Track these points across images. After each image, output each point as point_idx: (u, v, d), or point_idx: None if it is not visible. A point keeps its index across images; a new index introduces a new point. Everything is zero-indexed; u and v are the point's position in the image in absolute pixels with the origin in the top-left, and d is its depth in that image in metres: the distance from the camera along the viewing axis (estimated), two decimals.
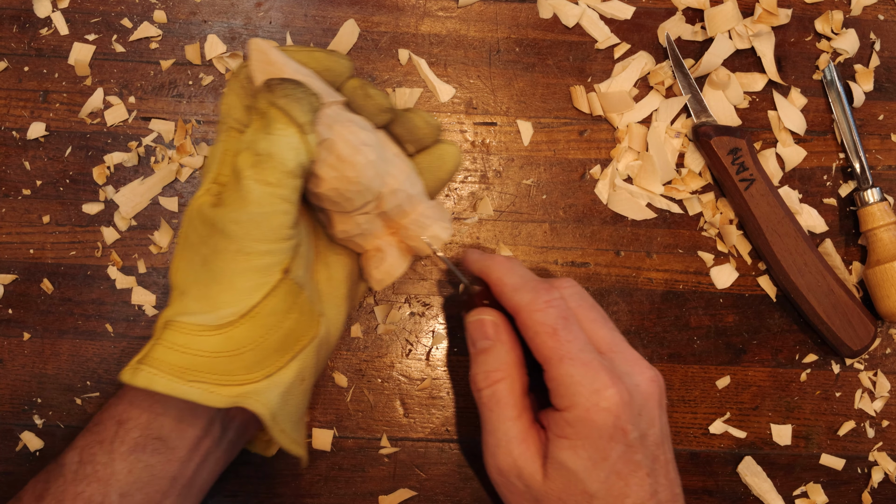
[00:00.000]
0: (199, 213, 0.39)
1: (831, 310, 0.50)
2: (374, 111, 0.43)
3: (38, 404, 0.49)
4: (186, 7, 0.53)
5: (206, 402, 0.37)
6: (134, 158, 0.51)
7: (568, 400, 0.38)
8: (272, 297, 0.38)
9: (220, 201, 0.39)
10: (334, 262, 0.45)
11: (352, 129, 0.40)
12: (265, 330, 0.38)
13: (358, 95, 0.43)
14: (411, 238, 0.43)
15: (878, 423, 0.52)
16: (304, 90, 0.38)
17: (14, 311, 0.49)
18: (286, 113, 0.37)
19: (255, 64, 0.40)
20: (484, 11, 0.54)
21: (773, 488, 0.50)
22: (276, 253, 0.38)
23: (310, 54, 0.42)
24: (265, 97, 0.38)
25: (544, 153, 0.53)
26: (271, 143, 0.37)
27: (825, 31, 0.55)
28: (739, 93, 0.54)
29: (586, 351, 0.39)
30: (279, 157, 0.37)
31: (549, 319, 0.39)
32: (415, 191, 0.43)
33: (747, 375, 0.51)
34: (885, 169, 0.54)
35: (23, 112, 0.51)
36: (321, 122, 0.39)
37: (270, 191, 0.37)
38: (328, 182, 0.40)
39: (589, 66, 0.54)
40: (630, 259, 0.52)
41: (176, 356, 0.37)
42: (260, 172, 0.37)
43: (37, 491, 0.39)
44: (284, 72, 0.40)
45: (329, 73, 0.43)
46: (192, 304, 0.39)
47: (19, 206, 0.50)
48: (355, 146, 0.40)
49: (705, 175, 0.53)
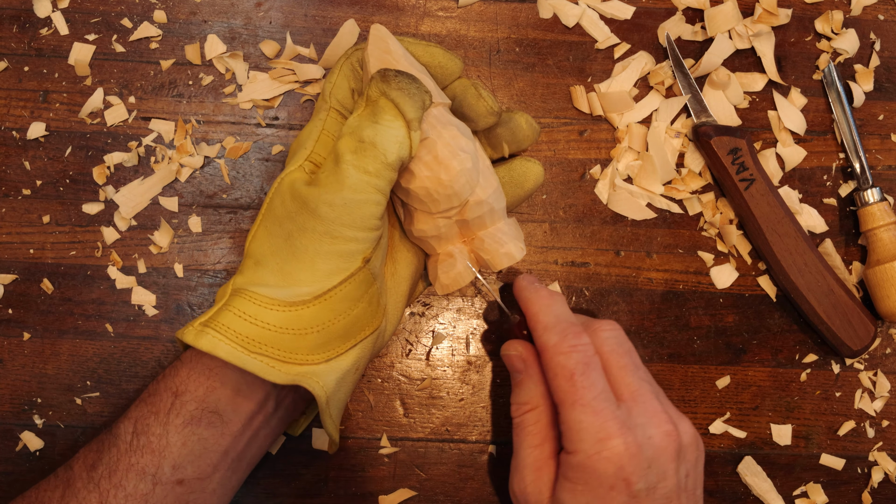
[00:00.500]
0: (290, 188, 0.40)
1: (831, 310, 0.50)
2: (484, 112, 0.43)
3: (38, 404, 0.49)
4: (186, 7, 0.53)
5: (266, 376, 0.37)
6: (134, 158, 0.51)
7: (574, 445, 0.39)
8: (349, 283, 0.39)
9: (314, 180, 0.39)
10: (402, 259, 0.45)
11: (453, 133, 0.41)
12: (334, 314, 0.39)
13: (470, 94, 0.43)
14: (485, 251, 0.44)
15: (878, 423, 0.52)
16: (418, 86, 0.38)
17: (14, 311, 0.49)
18: (397, 105, 0.38)
19: (371, 49, 0.41)
20: (484, 11, 0.54)
21: (773, 488, 0.50)
22: (361, 241, 0.38)
23: (426, 49, 0.43)
24: (379, 86, 0.38)
25: (544, 153, 0.53)
26: (377, 132, 0.37)
27: (825, 31, 0.55)
28: (739, 93, 0.54)
29: (600, 399, 0.39)
30: (382, 148, 0.37)
31: (569, 363, 0.40)
32: (498, 206, 0.43)
33: (747, 375, 0.51)
34: (885, 169, 0.54)
35: (23, 112, 0.51)
36: (426, 120, 0.40)
37: (367, 179, 0.37)
38: (421, 181, 0.40)
39: (589, 66, 0.54)
40: (630, 259, 0.52)
41: (243, 325, 0.37)
42: (360, 159, 0.37)
43: (89, 460, 0.39)
44: (400, 63, 0.40)
45: (441, 69, 0.43)
46: (268, 276, 0.39)
47: (19, 205, 0.50)
48: (454, 150, 0.40)
49: (705, 175, 0.53)
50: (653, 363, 0.51)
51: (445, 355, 0.50)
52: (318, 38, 0.53)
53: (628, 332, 0.51)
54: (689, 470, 0.40)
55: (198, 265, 0.50)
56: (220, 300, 0.40)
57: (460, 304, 0.51)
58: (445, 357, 0.50)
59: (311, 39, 0.53)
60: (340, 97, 0.44)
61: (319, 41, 0.53)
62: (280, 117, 0.52)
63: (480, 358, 0.51)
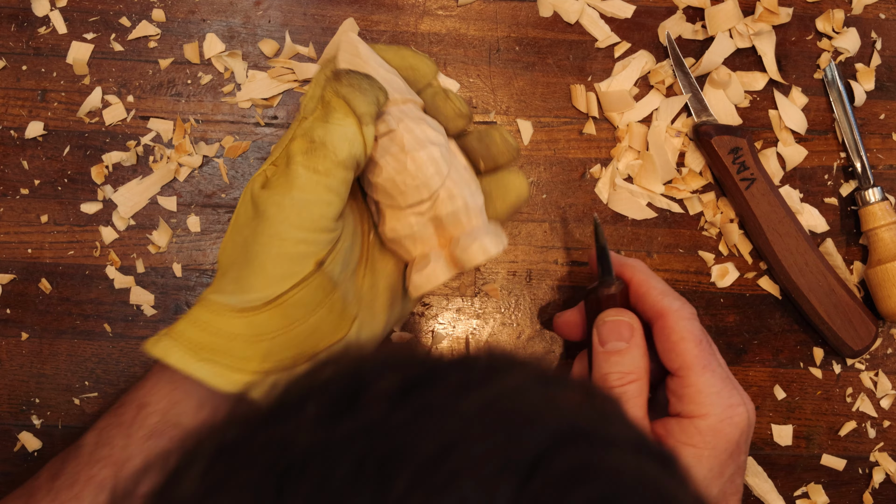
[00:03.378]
0: (248, 194, 0.39)
1: (832, 310, 0.50)
2: (452, 114, 0.43)
3: (36, 404, 0.48)
4: (185, 6, 0.53)
5: (212, 383, 0.36)
6: (132, 158, 0.51)
7: (704, 408, 0.39)
8: (302, 288, 0.37)
9: (268, 183, 0.38)
10: (381, 269, 0.44)
11: (421, 126, 0.40)
12: (289, 321, 0.38)
13: (438, 97, 0.43)
14: (460, 247, 0.41)
15: (880, 423, 0.51)
16: (370, 82, 0.38)
17: (12, 311, 0.49)
18: (348, 102, 0.37)
19: (342, 55, 0.40)
20: (484, 10, 0.54)
21: (774, 489, 0.50)
22: (311, 243, 0.37)
23: (397, 52, 0.42)
24: (331, 86, 0.38)
25: (544, 152, 0.53)
26: (327, 131, 0.37)
27: (826, 29, 0.55)
28: (740, 92, 0.54)
29: (723, 367, 0.40)
30: (332, 146, 0.37)
31: (696, 329, 0.41)
32: (473, 202, 0.42)
33: (748, 375, 0.51)
34: (887, 168, 0.54)
35: (21, 111, 0.51)
36: (392, 114, 0.39)
37: (317, 178, 0.37)
38: (387, 171, 0.40)
39: (589, 64, 0.54)
40: None
41: (195, 332, 0.37)
42: (310, 159, 0.37)
43: (54, 469, 0.39)
44: (369, 65, 0.40)
45: (413, 71, 0.42)
46: (227, 285, 0.38)
47: (17, 205, 0.50)
48: (421, 140, 0.40)
49: (706, 174, 0.53)
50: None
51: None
52: (317, 36, 0.53)
53: None
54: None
55: (196, 265, 0.50)
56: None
57: (460, 304, 0.51)
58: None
59: (310, 38, 0.53)
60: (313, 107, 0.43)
61: (318, 40, 0.53)
62: (279, 116, 0.52)
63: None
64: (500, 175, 0.44)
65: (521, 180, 0.45)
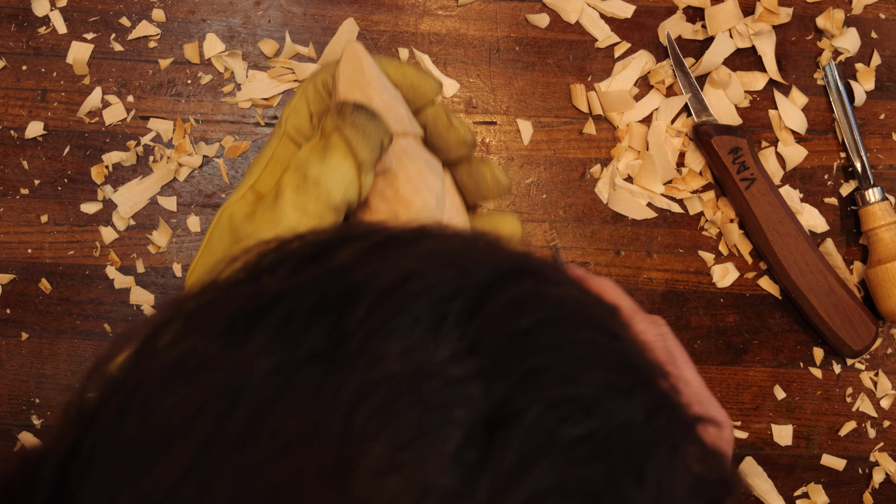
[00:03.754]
0: (229, 221, 0.38)
1: (832, 309, 0.50)
2: (454, 143, 0.40)
3: (36, 404, 0.48)
4: (185, 6, 0.53)
5: None
6: (132, 158, 0.51)
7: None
8: None
9: (252, 214, 0.37)
10: None
11: (419, 168, 0.38)
12: None
13: (441, 123, 0.40)
14: None
15: (880, 423, 0.51)
16: (377, 125, 0.36)
17: (12, 311, 0.49)
18: (350, 144, 0.35)
19: (343, 68, 0.38)
20: (484, 10, 0.54)
21: (774, 489, 0.50)
22: None
23: (399, 68, 0.40)
24: (333, 120, 0.36)
25: (544, 152, 0.53)
26: (322, 170, 0.35)
27: (826, 29, 0.55)
28: (740, 92, 0.54)
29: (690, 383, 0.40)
30: (326, 188, 0.35)
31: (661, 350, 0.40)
32: None
33: (748, 375, 0.51)
34: (887, 168, 0.54)
35: (21, 111, 0.51)
36: (391, 151, 0.37)
37: (306, 220, 0.35)
38: (377, 214, 0.38)
39: (589, 64, 0.54)
40: (630, 259, 0.52)
41: None
42: (301, 197, 0.35)
43: None
44: (372, 86, 0.38)
45: (414, 90, 0.40)
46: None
47: (17, 205, 0.50)
48: (417, 187, 0.38)
49: (706, 174, 0.53)
50: None
51: None
52: (317, 36, 0.53)
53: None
54: None
55: None
56: None
57: None
58: None
59: (310, 38, 0.53)
60: (297, 122, 0.41)
61: (318, 40, 0.53)
62: (279, 116, 0.52)
63: None
64: (493, 218, 0.43)
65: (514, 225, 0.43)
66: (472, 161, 0.42)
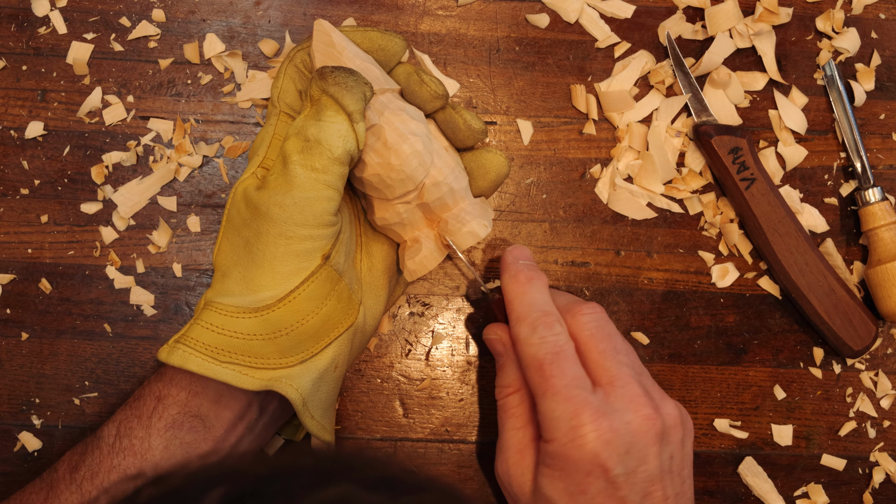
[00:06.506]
0: (243, 196, 0.40)
1: (832, 310, 0.50)
2: (427, 98, 0.43)
3: (36, 405, 0.48)
4: (185, 6, 0.53)
5: (237, 383, 0.37)
6: (132, 158, 0.51)
7: (548, 434, 0.39)
8: (311, 282, 0.39)
9: (265, 184, 0.39)
10: (376, 252, 0.45)
11: (402, 118, 0.41)
12: (302, 315, 0.39)
13: (412, 81, 0.43)
14: (449, 232, 0.43)
15: (880, 423, 0.51)
16: (356, 79, 0.38)
17: (12, 311, 0.49)
18: (337, 101, 0.38)
19: (316, 45, 0.41)
20: (484, 10, 0.54)
21: (774, 489, 0.50)
22: (316, 238, 0.38)
23: (364, 34, 0.43)
24: (318, 84, 0.38)
25: (544, 152, 0.53)
26: (320, 129, 0.38)
27: (826, 29, 0.55)
28: (740, 92, 0.54)
29: (573, 387, 0.38)
30: (327, 144, 0.37)
31: (539, 354, 0.39)
32: (458, 185, 0.43)
33: (748, 375, 0.51)
34: (887, 168, 0.54)
35: (21, 111, 0.51)
36: (372, 108, 0.40)
37: (316, 176, 0.38)
38: (372, 168, 0.40)
39: (589, 64, 0.54)
40: (630, 259, 0.52)
41: (212, 336, 0.38)
42: (307, 158, 0.38)
43: (73, 462, 0.39)
44: (344, 55, 0.41)
45: (382, 52, 0.43)
46: (233, 286, 0.39)
47: (17, 205, 0.50)
48: (403, 134, 0.40)
49: (706, 174, 0.53)
50: (653, 363, 0.51)
51: (445, 355, 0.50)
52: None
53: (628, 331, 0.51)
54: (673, 452, 0.40)
55: (196, 265, 0.50)
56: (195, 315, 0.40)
57: (460, 304, 0.51)
58: (445, 357, 0.50)
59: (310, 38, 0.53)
60: (289, 100, 0.44)
61: None
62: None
63: (480, 358, 0.50)
64: (478, 154, 0.46)
65: (498, 159, 0.46)
66: (446, 111, 0.44)
